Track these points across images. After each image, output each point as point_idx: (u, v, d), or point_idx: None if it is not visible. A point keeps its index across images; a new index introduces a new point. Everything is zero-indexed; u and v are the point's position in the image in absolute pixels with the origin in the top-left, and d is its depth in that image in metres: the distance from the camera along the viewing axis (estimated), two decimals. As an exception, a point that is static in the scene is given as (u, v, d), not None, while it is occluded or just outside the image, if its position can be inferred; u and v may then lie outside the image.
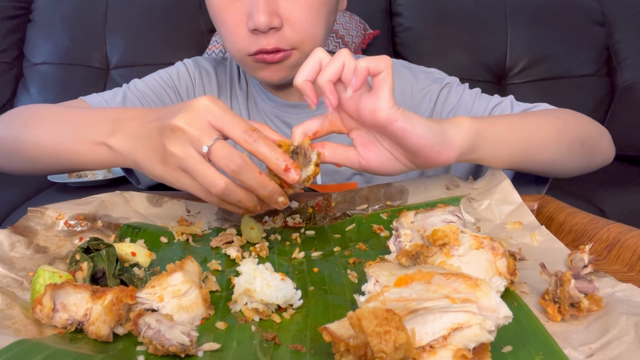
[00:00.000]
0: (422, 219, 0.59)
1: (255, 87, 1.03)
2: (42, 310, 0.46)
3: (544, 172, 0.84)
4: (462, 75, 2.04)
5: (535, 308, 0.50)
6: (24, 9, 2.37)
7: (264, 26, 0.80)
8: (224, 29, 0.87)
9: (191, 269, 0.51)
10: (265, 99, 1.01)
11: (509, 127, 0.74)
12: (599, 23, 2.17)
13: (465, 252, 0.52)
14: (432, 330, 0.39)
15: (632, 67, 2.11)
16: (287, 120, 1.01)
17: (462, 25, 2.17)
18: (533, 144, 0.76)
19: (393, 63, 0.99)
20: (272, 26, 0.81)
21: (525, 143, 0.75)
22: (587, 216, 0.67)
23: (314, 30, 0.86)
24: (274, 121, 1.01)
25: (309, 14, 0.84)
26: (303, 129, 0.65)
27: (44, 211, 0.66)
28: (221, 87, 1.05)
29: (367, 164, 0.66)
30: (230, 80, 1.05)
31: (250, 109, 1.03)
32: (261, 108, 1.02)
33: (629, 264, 0.58)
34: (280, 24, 0.82)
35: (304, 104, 0.99)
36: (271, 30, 0.82)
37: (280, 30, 0.83)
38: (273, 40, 0.83)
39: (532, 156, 0.77)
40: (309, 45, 0.86)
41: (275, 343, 0.45)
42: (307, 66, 0.62)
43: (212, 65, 1.06)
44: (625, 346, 0.41)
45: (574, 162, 0.85)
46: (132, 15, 2.29)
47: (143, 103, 0.96)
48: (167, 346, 0.41)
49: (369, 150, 0.66)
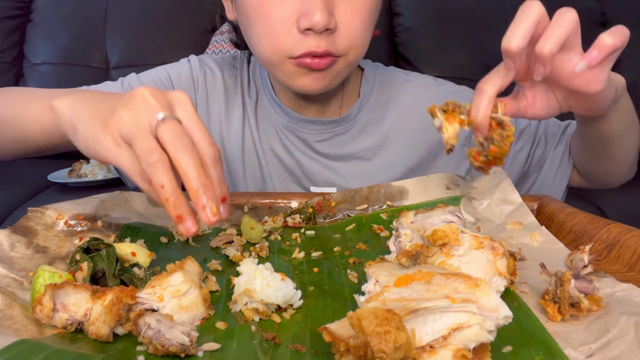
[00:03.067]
0: (422, 219, 0.59)
1: (268, 97, 0.97)
2: (42, 310, 0.46)
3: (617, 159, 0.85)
4: (462, 76, 2.05)
5: (535, 308, 0.50)
6: (24, 9, 2.37)
7: (321, 26, 0.74)
8: (265, 27, 0.79)
9: (191, 269, 0.51)
10: (279, 112, 0.96)
11: (630, 102, 0.76)
12: (599, 23, 2.17)
13: (465, 252, 0.52)
14: (432, 330, 0.39)
15: (632, 67, 2.10)
16: (304, 136, 0.96)
17: (462, 25, 2.17)
18: (633, 127, 0.80)
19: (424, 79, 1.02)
20: (329, 27, 0.76)
21: (631, 122, 0.78)
22: (587, 216, 0.67)
23: (363, 37, 0.82)
24: (287, 135, 0.96)
25: (363, 20, 0.80)
26: (494, 92, 0.59)
27: (44, 211, 0.66)
28: (228, 91, 0.98)
29: (533, 112, 0.65)
30: (241, 86, 0.98)
31: (259, 120, 0.97)
32: (272, 120, 0.97)
33: (629, 264, 0.58)
34: (335, 26, 0.77)
35: (323, 120, 0.95)
36: (325, 32, 0.77)
37: (333, 34, 0.78)
38: (324, 43, 0.77)
39: (628, 137, 0.80)
40: (355, 53, 0.82)
41: (275, 343, 0.45)
42: (523, 27, 0.55)
43: (219, 66, 0.99)
44: (625, 346, 0.41)
45: (631, 162, 0.87)
46: (132, 15, 2.29)
47: None
48: (167, 346, 0.41)
49: (539, 100, 0.64)
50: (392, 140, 0.97)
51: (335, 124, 0.95)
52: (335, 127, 0.95)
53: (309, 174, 0.97)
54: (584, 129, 0.80)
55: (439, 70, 1.97)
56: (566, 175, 0.93)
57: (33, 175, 1.95)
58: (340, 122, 0.95)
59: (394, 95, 0.98)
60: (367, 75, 0.99)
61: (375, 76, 1.00)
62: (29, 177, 1.94)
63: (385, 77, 1.00)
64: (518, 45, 0.55)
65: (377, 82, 0.99)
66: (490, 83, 0.59)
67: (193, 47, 2.19)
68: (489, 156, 0.60)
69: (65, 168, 1.92)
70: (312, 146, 0.96)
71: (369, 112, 0.97)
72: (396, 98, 0.98)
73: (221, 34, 2.05)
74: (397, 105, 0.98)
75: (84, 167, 1.84)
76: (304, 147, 0.96)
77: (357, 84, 0.98)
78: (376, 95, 0.98)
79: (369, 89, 0.98)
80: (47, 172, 1.88)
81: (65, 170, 1.89)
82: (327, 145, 0.96)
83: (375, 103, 0.97)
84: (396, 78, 1.01)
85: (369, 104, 0.97)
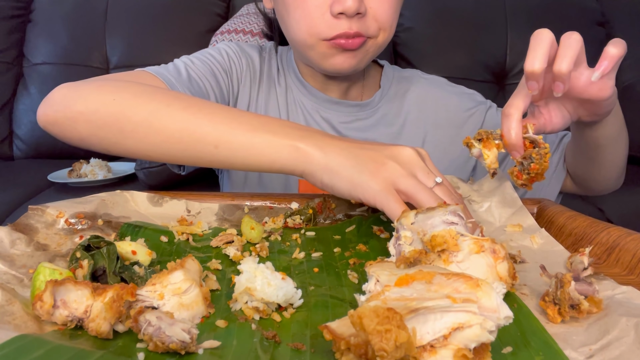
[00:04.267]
0: (423, 220, 0.59)
1: (295, 81, 1.04)
2: (42, 306, 0.46)
3: (607, 166, 0.90)
4: (462, 75, 2.06)
5: (535, 310, 0.50)
6: (24, 9, 2.38)
7: (353, 10, 0.82)
8: (302, 11, 0.87)
9: (192, 267, 0.51)
10: (307, 94, 1.03)
11: (619, 108, 0.82)
12: (599, 23, 2.17)
13: (465, 258, 0.52)
14: (433, 330, 0.39)
15: (632, 67, 2.11)
16: (328, 116, 1.02)
17: (462, 25, 2.17)
18: (622, 133, 0.86)
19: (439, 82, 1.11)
20: (359, 11, 0.84)
21: (620, 128, 0.84)
22: (587, 219, 0.67)
23: (392, 21, 0.90)
24: (313, 116, 1.03)
25: (391, 4, 0.88)
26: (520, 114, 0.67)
27: (44, 209, 0.66)
28: (262, 78, 1.04)
29: (552, 126, 0.72)
30: (268, 72, 1.05)
31: (289, 104, 1.04)
32: (300, 103, 1.04)
33: (628, 267, 0.58)
34: (365, 10, 0.85)
35: (347, 102, 1.02)
36: (356, 15, 0.84)
37: (363, 18, 0.86)
38: (355, 25, 0.85)
39: (618, 143, 0.86)
40: (384, 35, 0.90)
41: (276, 341, 0.45)
42: (541, 51, 0.63)
43: (257, 52, 1.05)
44: (625, 347, 0.41)
45: (621, 168, 0.93)
46: (132, 15, 2.29)
47: (204, 83, 0.93)
48: (168, 343, 0.41)
49: (554, 115, 0.72)
50: (408, 131, 1.04)
51: (358, 107, 1.03)
52: (358, 112, 1.03)
53: None
54: (580, 137, 0.85)
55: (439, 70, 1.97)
56: (560, 180, 0.97)
57: (33, 175, 1.95)
58: (363, 107, 1.03)
59: (410, 89, 1.06)
60: (387, 71, 1.07)
61: (394, 72, 1.09)
62: (29, 177, 1.94)
63: (404, 74, 1.10)
64: (540, 66, 0.62)
65: (396, 77, 1.08)
66: (515, 107, 0.67)
67: (193, 47, 2.16)
68: (531, 173, 0.65)
69: (65, 168, 1.92)
70: (336, 127, 1.02)
71: (388, 103, 1.05)
72: (412, 92, 1.06)
73: (221, 34, 2.05)
74: (413, 98, 1.06)
75: (84, 167, 1.84)
76: (328, 128, 1.02)
77: (377, 77, 1.07)
78: (395, 89, 1.06)
79: (388, 83, 1.06)
80: (47, 172, 1.88)
81: (65, 170, 1.90)
82: (350, 128, 1.02)
83: (394, 95, 1.05)
84: (413, 75, 1.10)
85: (388, 95, 1.05)
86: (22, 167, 2.14)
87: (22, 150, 2.29)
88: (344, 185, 0.63)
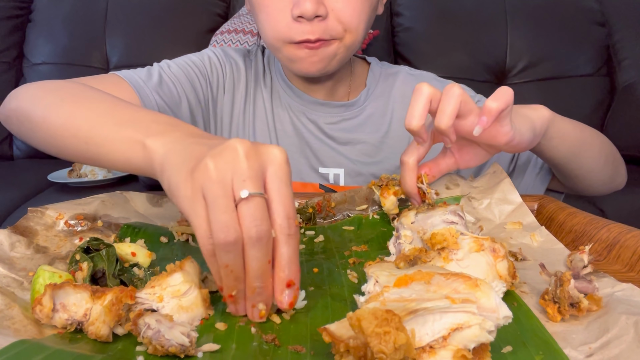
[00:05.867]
0: (423, 219, 0.59)
1: (280, 82, 1.03)
2: (41, 310, 0.46)
3: (581, 178, 0.88)
4: (462, 75, 2.06)
5: (535, 308, 0.50)
6: (24, 9, 2.37)
7: (310, 13, 0.81)
8: (266, 15, 0.86)
9: (191, 269, 0.51)
10: (293, 95, 1.02)
11: (571, 125, 0.80)
12: (599, 23, 2.17)
13: (464, 256, 0.52)
14: (432, 331, 0.39)
15: (632, 67, 2.11)
16: (314, 118, 1.01)
17: (462, 25, 2.17)
18: (584, 147, 0.83)
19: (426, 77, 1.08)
20: (318, 14, 0.82)
21: (580, 143, 0.82)
22: (587, 216, 0.67)
23: (357, 23, 0.87)
24: (300, 118, 1.02)
25: (355, 6, 0.85)
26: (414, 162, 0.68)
27: (44, 211, 0.66)
28: (248, 82, 1.03)
29: (464, 163, 0.73)
30: (255, 75, 1.04)
31: (274, 106, 1.03)
32: (286, 104, 1.02)
33: (629, 264, 0.58)
34: (326, 13, 0.83)
35: (333, 103, 1.01)
36: (316, 18, 0.83)
37: (325, 20, 0.84)
38: (317, 29, 0.83)
39: (581, 158, 0.83)
40: (351, 37, 0.87)
41: (275, 344, 0.45)
42: (418, 108, 0.62)
43: (242, 56, 1.04)
44: (625, 345, 0.41)
45: (604, 176, 0.91)
46: (132, 15, 2.29)
47: (177, 88, 0.92)
48: (167, 346, 0.41)
49: (466, 153, 0.72)
50: (395, 130, 1.02)
51: (344, 108, 1.02)
52: (344, 112, 1.01)
53: (318, 155, 1.02)
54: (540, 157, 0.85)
55: (439, 70, 1.96)
56: (545, 181, 0.96)
57: (33, 175, 1.95)
58: (348, 107, 1.01)
59: (395, 86, 1.04)
60: (374, 69, 1.06)
61: (381, 70, 1.06)
62: (29, 177, 1.94)
63: (390, 71, 1.07)
64: (417, 124, 0.63)
65: (383, 74, 1.06)
66: (409, 155, 0.68)
67: (193, 47, 2.17)
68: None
69: (65, 168, 1.92)
70: (323, 128, 1.01)
71: (375, 101, 1.03)
72: (397, 89, 1.04)
73: (221, 34, 2.05)
74: (397, 96, 1.03)
75: (83, 167, 1.84)
76: (315, 129, 1.01)
77: (363, 75, 1.05)
78: (381, 87, 1.04)
79: (374, 81, 1.04)
80: (47, 172, 1.88)
81: (65, 170, 1.90)
82: (337, 129, 1.02)
83: (380, 94, 1.04)
84: (400, 71, 1.07)
85: (374, 94, 1.03)
86: (22, 167, 2.14)
87: (22, 150, 2.30)
88: (165, 186, 0.51)
